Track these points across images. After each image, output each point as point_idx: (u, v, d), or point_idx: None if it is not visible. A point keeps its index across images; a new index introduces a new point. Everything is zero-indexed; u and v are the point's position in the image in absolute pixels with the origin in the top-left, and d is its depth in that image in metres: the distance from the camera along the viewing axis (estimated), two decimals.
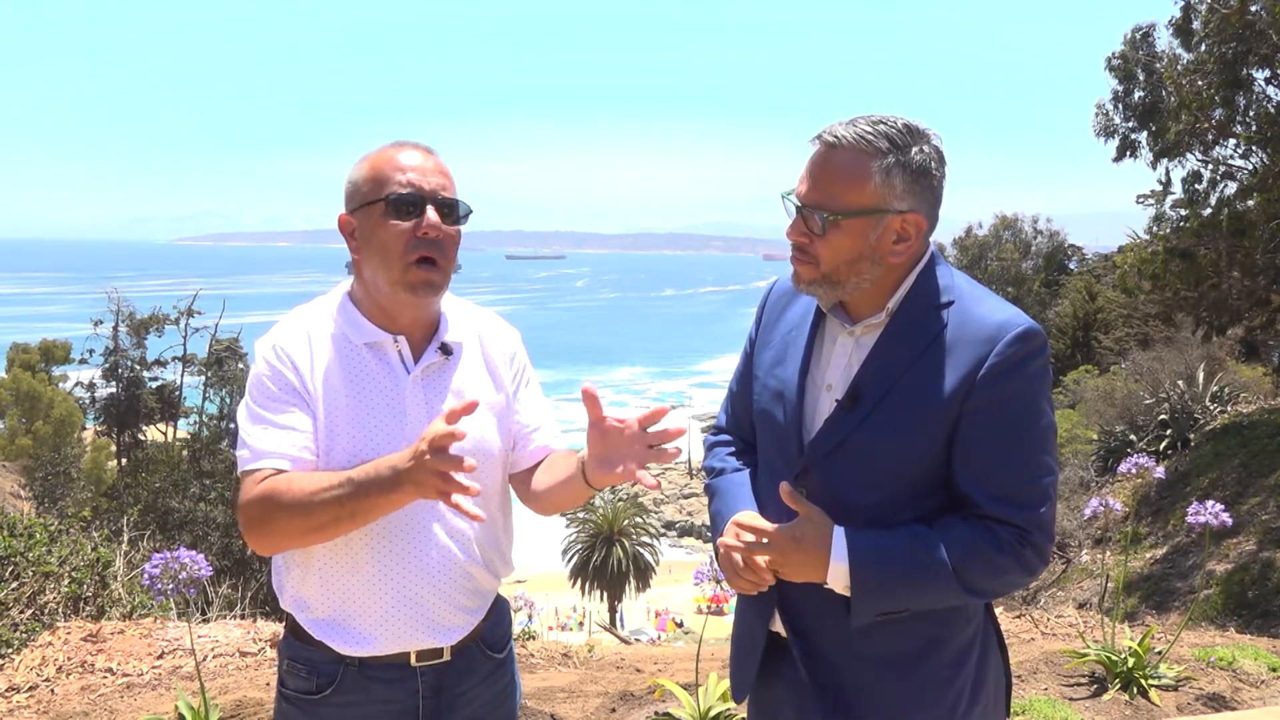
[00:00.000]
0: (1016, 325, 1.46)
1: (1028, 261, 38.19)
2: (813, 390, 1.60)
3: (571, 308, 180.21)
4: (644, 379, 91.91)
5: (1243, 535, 10.03)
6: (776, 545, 1.49)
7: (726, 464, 1.77)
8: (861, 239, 1.49)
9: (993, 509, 1.46)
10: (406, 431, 1.64)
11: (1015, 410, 1.46)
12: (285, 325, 1.71)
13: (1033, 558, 1.46)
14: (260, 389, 1.64)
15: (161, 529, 13.71)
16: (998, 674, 1.63)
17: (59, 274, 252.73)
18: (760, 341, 1.73)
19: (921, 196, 1.50)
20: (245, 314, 49.96)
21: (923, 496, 1.51)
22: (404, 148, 1.67)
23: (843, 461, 1.53)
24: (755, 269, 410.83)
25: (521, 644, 4.55)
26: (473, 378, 1.75)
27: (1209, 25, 11.11)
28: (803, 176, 1.54)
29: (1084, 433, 17.65)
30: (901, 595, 1.47)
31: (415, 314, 1.69)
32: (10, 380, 31.42)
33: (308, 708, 1.69)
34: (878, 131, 1.46)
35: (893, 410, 1.49)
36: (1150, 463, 3.85)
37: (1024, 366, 1.46)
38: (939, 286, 1.53)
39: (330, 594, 1.66)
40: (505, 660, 1.84)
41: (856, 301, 1.57)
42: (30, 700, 3.68)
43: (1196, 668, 4.02)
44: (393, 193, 1.61)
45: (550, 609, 30.01)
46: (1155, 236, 13.02)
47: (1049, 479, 1.48)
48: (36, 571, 4.80)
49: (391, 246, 1.61)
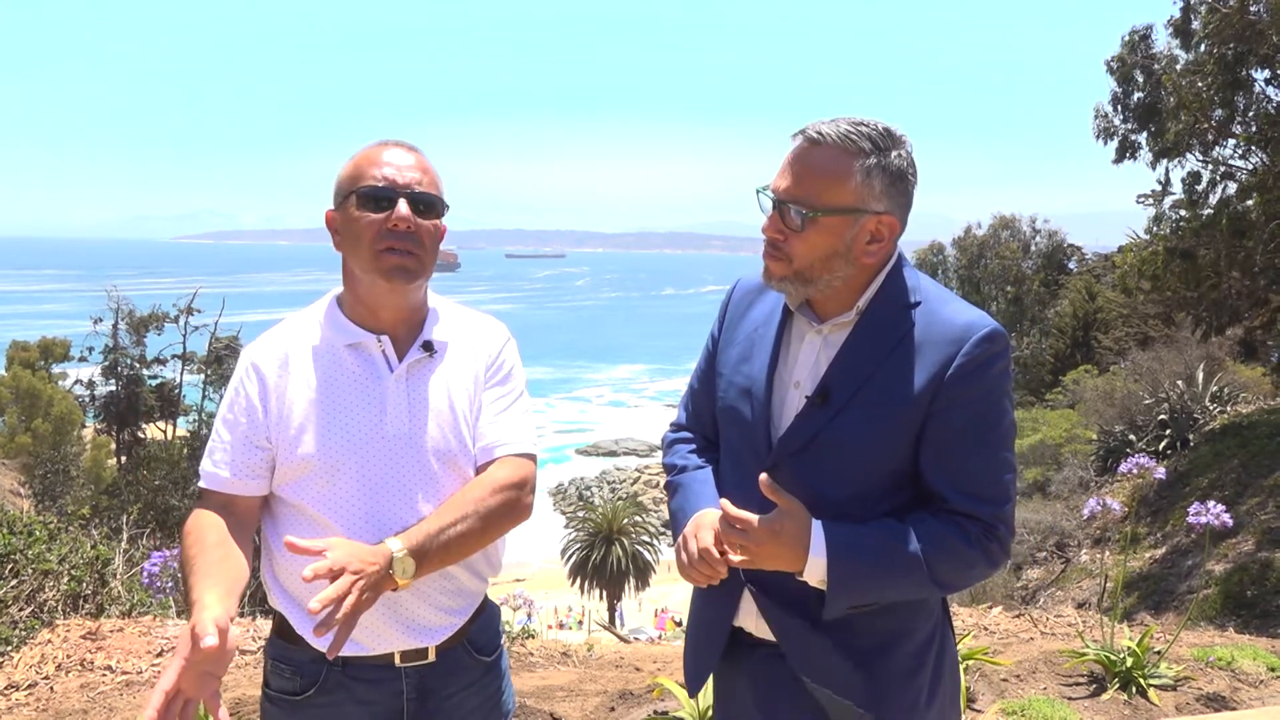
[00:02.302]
0: (982, 327, 1.50)
1: (1027, 261, 38.21)
2: (780, 387, 1.62)
3: (572, 307, 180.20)
4: (643, 377, 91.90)
5: (1242, 535, 10.04)
6: (756, 536, 1.49)
7: (689, 461, 1.77)
8: (837, 238, 1.51)
9: (960, 504, 1.49)
10: (385, 429, 1.66)
11: (981, 409, 1.50)
12: (265, 336, 1.75)
13: (997, 551, 1.51)
14: (228, 406, 1.71)
15: (161, 527, 13.72)
16: (953, 667, 1.66)
17: (59, 272, 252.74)
18: (724, 339, 1.75)
19: (897, 200, 1.52)
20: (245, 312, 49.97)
21: (892, 492, 1.54)
22: (387, 146, 1.70)
23: (813, 458, 1.54)
24: (756, 268, 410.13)
25: (521, 642, 4.55)
26: (456, 377, 1.75)
27: (1209, 25, 11.11)
28: (782, 171, 1.55)
29: (1083, 433, 17.67)
30: (875, 588, 1.49)
31: (397, 303, 1.70)
32: (10, 378, 31.41)
33: (290, 708, 1.69)
34: (860, 132, 1.48)
35: (862, 407, 1.52)
36: (1150, 463, 3.84)
37: (989, 367, 1.49)
38: (906, 287, 1.56)
39: (311, 592, 1.65)
40: (494, 665, 1.83)
41: (824, 300, 1.59)
42: (29, 698, 3.68)
43: (1195, 667, 4.02)
44: (365, 186, 1.64)
45: (549, 608, 30.02)
46: (1155, 236, 13.02)
47: (1011, 475, 1.53)
48: (36, 569, 4.80)
49: (362, 236, 1.64)
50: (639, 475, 57.38)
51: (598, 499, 43.90)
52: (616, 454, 62.88)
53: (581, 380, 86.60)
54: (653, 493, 52.90)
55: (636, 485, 54.72)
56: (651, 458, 62.41)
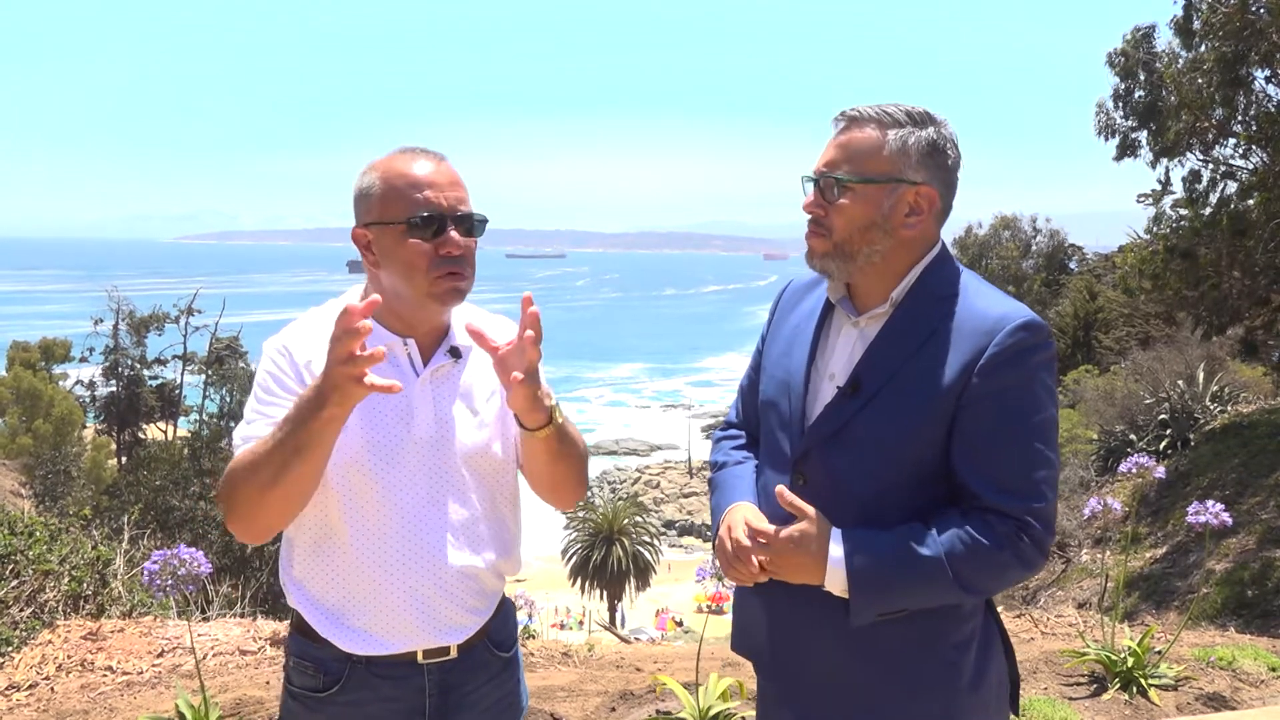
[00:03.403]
0: (1017, 317, 1.48)
1: (1028, 261, 38.20)
2: (817, 379, 1.62)
3: (572, 306, 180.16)
4: (643, 376, 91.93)
5: (1243, 535, 10.03)
6: (775, 547, 1.50)
7: (730, 457, 1.78)
8: (875, 207, 1.52)
9: (991, 500, 1.46)
10: (414, 433, 1.65)
11: (1013, 401, 1.47)
12: (295, 325, 1.71)
13: (1030, 551, 1.46)
14: (262, 387, 1.65)
15: (162, 527, 13.72)
16: (1000, 673, 1.61)
17: (60, 272, 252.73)
18: (770, 336, 1.77)
19: (935, 173, 1.53)
20: (246, 313, 49.98)
21: (923, 486, 1.52)
22: (416, 156, 1.64)
23: (843, 449, 1.54)
24: (756, 268, 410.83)
25: (522, 643, 4.55)
26: (480, 380, 1.75)
27: (1209, 24, 11.09)
28: (822, 153, 1.58)
29: (1084, 432, 17.65)
30: (899, 595, 1.47)
31: (434, 320, 1.70)
32: (11, 378, 31.41)
33: (314, 705, 1.69)
34: (895, 107, 1.53)
35: (892, 398, 1.51)
36: (1151, 462, 3.83)
37: (1024, 358, 1.47)
38: (945, 280, 1.55)
39: (337, 591, 1.66)
40: (511, 660, 1.84)
41: (864, 290, 1.59)
42: (30, 698, 3.68)
43: (1196, 667, 4.01)
44: (414, 216, 1.59)
45: (550, 608, 30.02)
46: (1155, 236, 13.00)
47: (1048, 472, 1.48)
48: (37, 570, 4.80)
49: (416, 264, 1.60)
50: (639, 475, 57.39)
51: (598, 499, 43.87)
52: (617, 454, 62.87)
53: (582, 380, 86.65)
54: (653, 493, 52.91)
55: (637, 485, 54.73)
56: (651, 457, 62.40)
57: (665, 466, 59.75)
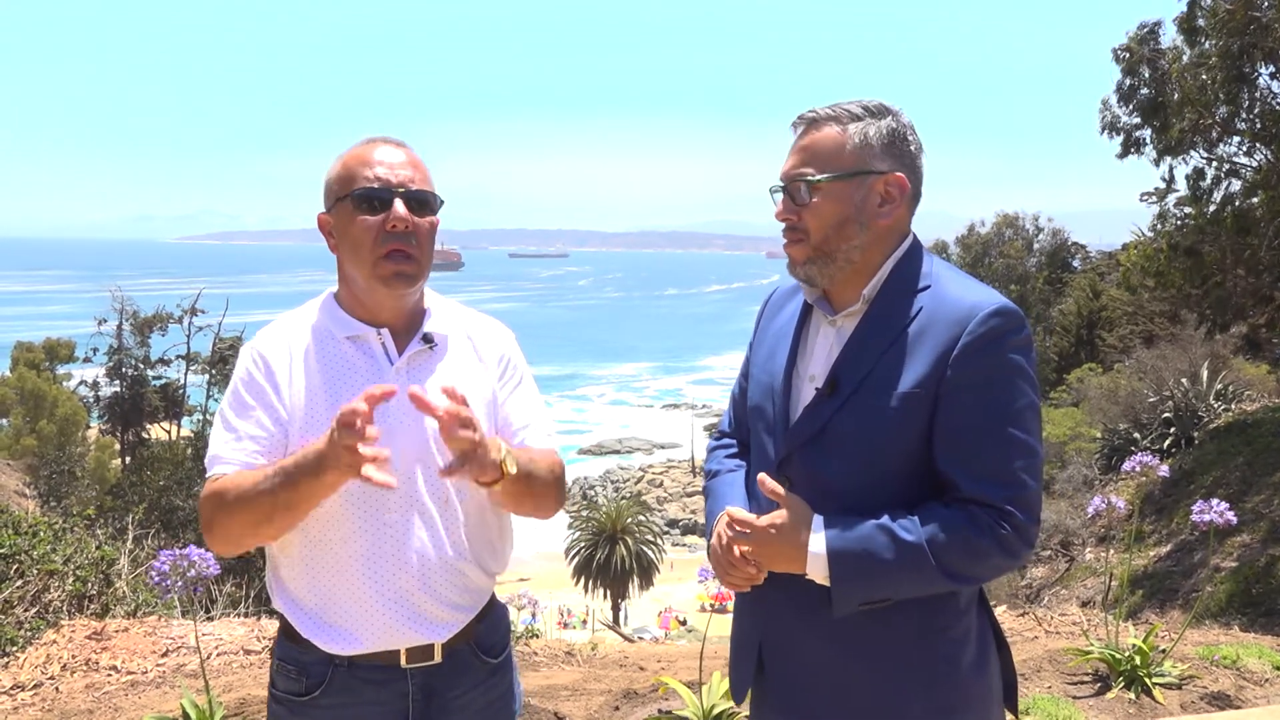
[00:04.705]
0: (989, 304, 1.47)
1: (1031, 259, 38.15)
2: (798, 382, 1.62)
3: (574, 306, 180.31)
4: (645, 375, 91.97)
5: (1247, 533, 10.00)
6: (756, 535, 1.50)
7: (723, 465, 1.79)
8: (846, 202, 1.53)
9: (971, 490, 1.45)
10: (389, 421, 1.64)
11: (991, 389, 1.46)
12: (268, 329, 1.74)
13: (1013, 539, 1.44)
14: (233, 393, 1.68)
15: (165, 527, 13.75)
16: (996, 672, 1.61)
17: (63, 272, 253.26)
18: (756, 343, 1.78)
19: (900, 160, 1.54)
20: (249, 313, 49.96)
21: (908, 483, 1.51)
22: (375, 144, 1.69)
23: (824, 448, 1.54)
24: (758, 267, 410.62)
25: (525, 642, 4.56)
26: (458, 369, 1.75)
27: (1213, 20, 11.06)
28: (786, 160, 1.59)
29: (1088, 431, 17.62)
30: (881, 583, 1.46)
31: (395, 305, 1.70)
32: (15, 379, 31.48)
33: (297, 709, 1.69)
34: (854, 103, 1.55)
35: (869, 395, 1.50)
36: (1155, 461, 3.83)
37: (998, 345, 1.46)
38: (917, 273, 1.55)
39: (317, 590, 1.66)
40: (501, 666, 1.82)
41: (839, 289, 1.59)
42: (35, 698, 3.69)
43: (1200, 666, 4.01)
44: (360, 187, 1.63)
45: (553, 607, 30.04)
46: (1159, 234, 12.98)
47: (1028, 460, 1.46)
48: (41, 570, 4.81)
49: (361, 240, 1.63)
50: (643, 474, 57.41)
51: (601, 498, 43.88)
52: (620, 452, 62.91)
53: (585, 379, 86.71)
54: (656, 492, 52.92)
55: (640, 484, 54.75)
56: (654, 456, 62.40)
57: (668, 465, 59.77)
